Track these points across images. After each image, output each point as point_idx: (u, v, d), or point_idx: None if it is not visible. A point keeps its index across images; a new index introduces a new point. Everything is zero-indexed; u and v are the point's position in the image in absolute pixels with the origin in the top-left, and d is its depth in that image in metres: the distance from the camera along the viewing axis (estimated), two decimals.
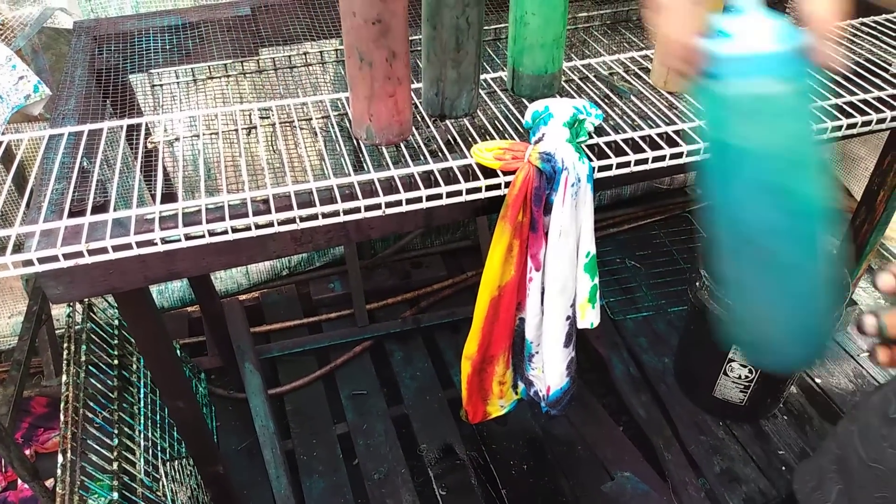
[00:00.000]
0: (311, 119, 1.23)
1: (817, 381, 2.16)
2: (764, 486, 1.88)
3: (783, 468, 1.92)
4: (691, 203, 2.88)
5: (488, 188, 1.04)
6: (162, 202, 0.98)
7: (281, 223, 0.97)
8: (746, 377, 1.88)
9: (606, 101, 1.27)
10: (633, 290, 2.50)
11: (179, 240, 0.94)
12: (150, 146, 1.15)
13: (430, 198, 1.02)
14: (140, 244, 0.93)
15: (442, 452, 1.98)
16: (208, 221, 0.95)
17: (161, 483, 1.51)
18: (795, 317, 0.72)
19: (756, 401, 1.95)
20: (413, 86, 1.13)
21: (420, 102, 1.21)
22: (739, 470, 1.92)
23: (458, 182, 1.03)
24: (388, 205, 1.00)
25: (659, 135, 1.15)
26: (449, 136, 1.16)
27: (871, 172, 2.67)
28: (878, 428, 1.04)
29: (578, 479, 1.92)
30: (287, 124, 1.21)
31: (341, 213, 0.99)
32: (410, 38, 1.03)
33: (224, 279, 2.40)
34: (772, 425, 2.03)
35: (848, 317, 2.22)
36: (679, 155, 1.13)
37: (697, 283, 1.87)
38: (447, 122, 1.19)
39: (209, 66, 1.40)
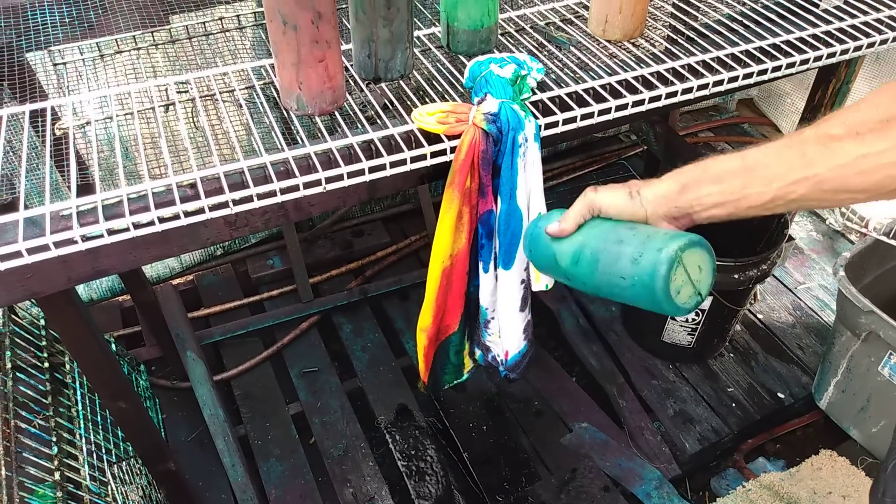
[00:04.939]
0: (233, 90, 1.14)
1: (759, 317, 2.22)
2: (716, 424, 1.93)
3: (733, 405, 1.97)
4: (626, 149, 2.89)
5: (433, 154, 0.99)
6: (79, 194, 0.89)
7: (212, 208, 0.90)
8: (693, 320, 1.91)
9: (546, 53, 1.22)
10: None
11: (102, 235, 0.86)
12: (58, 132, 1.05)
13: (372, 169, 0.96)
14: (58, 244, 0.84)
15: (400, 422, 1.96)
16: (132, 213, 0.87)
17: (109, 487, 1.43)
18: None
19: (703, 342, 1.99)
20: (342, 48, 1.05)
21: (351, 66, 1.14)
22: (692, 410, 1.97)
23: (401, 150, 0.97)
24: (329, 180, 0.94)
25: (602, 86, 1.11)
26: (385, 101, 1.10)
27: (798, 108, 2.73)
28: None
29: (538, 434, 1.93)
30: (208, 97, 1.12)
31: (278, 193, 0.93)
32: None
33: (155, 265, 2.28)
34: (719, 364, 2.08)
35: (786, 252, 2.28)
36: (624, 106, 1.10)
37: None
38: (382, 85, 1.13)
39: (116, 39, 1.28)
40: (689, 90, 1.14)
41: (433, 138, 1.00)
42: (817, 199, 0.73)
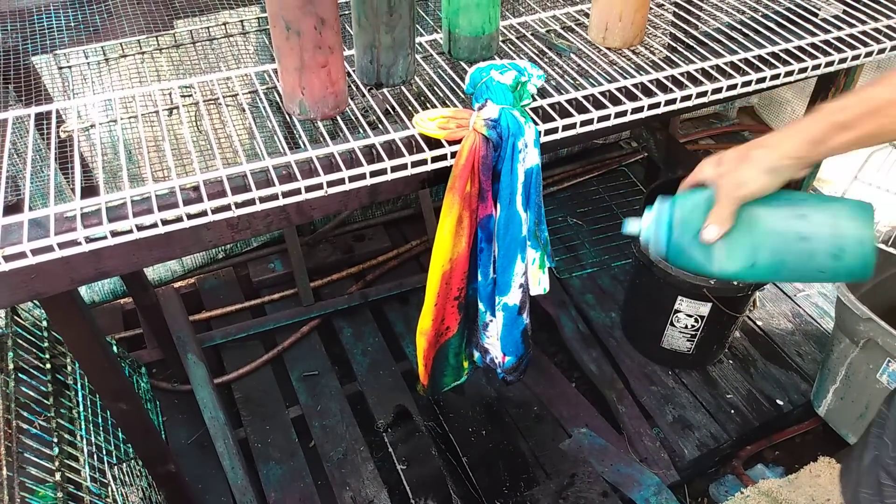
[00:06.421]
0: (237, 95, 1.16)
1: (758, 323, 2.23)
2: (715, 430, 1.93)
3: (732, 411, 1.98)
4: (627, 156, 2.90)
5: (434, 160, 1.00)
6: (83, 196, 0.91)
7: (215, 211, 0.91)
8: (693, 326, 1.92)
9: (546, 60, 1.24)
10: (577, 248, 2.51)
11: (105, 237, 0.87)
12: (63, 135, 1.06)
13: (373, 173, 0.97)
14: (62, 245, 0.85)
15: (400, 426, 1.96)
16: (135, 215, 0.88)
17: (110, 488, 1.44)
18: None
19: (702, 348, 2.00)
20: (345, 53, 1.07)
21: (353, 71, 1.15)
22: (691, 416, 1.97)
23: (402, 155, 0.98)
24: (330, 184, 0.95)
25: (602, 93, 1.12)
26: (387, 106, 1.11)
27: (798, 115, 2.73)
28: None
29: (537, 439, 1.94)
30: (211, 102, 1.14)
31: (280, 196, 0.94)
32: (339, 1, 0.97)
33: (157, 267, 2.29)
34: (718, 370, 2.09)
35: None
36: (623, 113, 1.11)
37: None
38: (384, 90, 1.14)
39: (121, 44, 1.29)
40: (688, 98, 1.15)
41: (434, 143, 1.01)
42: None
